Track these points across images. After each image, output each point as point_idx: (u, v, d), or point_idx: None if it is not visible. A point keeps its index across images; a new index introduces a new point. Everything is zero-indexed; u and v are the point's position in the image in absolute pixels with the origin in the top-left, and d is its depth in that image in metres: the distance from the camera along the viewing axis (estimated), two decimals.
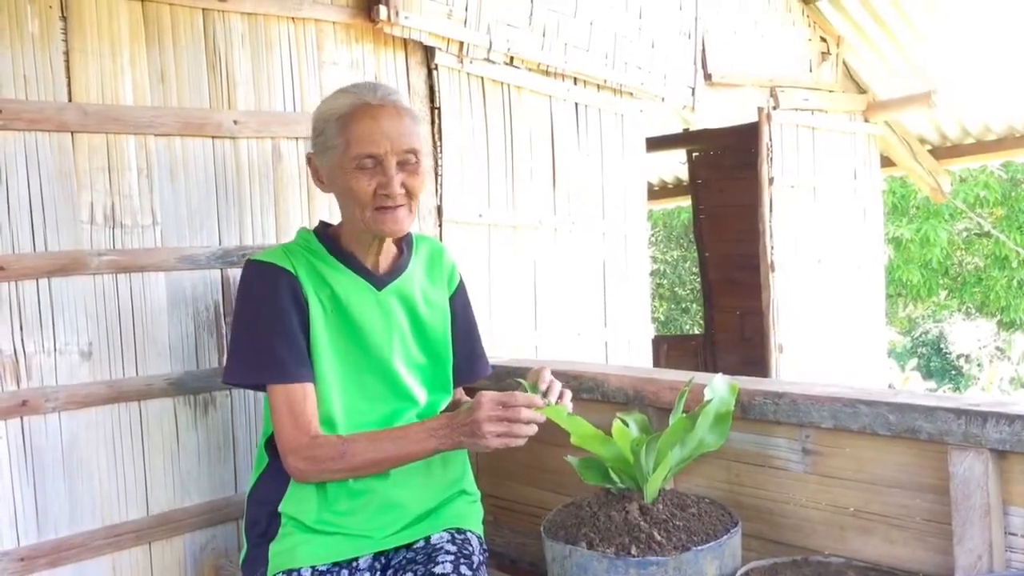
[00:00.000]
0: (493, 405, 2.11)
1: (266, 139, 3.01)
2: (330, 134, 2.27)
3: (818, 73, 6.01)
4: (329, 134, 2.27)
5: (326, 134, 2.28)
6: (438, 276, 2.55)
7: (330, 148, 2.27)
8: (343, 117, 2.25)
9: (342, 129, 2.24)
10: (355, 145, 2.22)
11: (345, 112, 2.25)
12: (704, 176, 8.61)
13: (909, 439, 2.11)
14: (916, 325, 18.59)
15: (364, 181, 2.23)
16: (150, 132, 2.76)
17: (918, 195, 14.72)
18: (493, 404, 2.11)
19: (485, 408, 2.10)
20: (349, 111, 2.25)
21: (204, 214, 2.88)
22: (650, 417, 2.54)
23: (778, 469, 2.40)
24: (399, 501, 2.32)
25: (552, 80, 4.13)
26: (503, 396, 2.13)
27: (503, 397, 2.12)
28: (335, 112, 2.27)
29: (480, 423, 2.09)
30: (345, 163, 2.24)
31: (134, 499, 2.75)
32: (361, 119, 2.23)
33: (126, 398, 2.72)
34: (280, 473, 2.31)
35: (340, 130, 2.24)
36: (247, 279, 2.34)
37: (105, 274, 2.68)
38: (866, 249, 6.57)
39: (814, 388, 2.34)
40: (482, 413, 2.10)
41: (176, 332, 2.82)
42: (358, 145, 2.22)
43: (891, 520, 2.19)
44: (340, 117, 2.25)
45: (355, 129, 2.23)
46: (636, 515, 2.15)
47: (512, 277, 3.97)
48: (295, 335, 2.27)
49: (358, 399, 2.36)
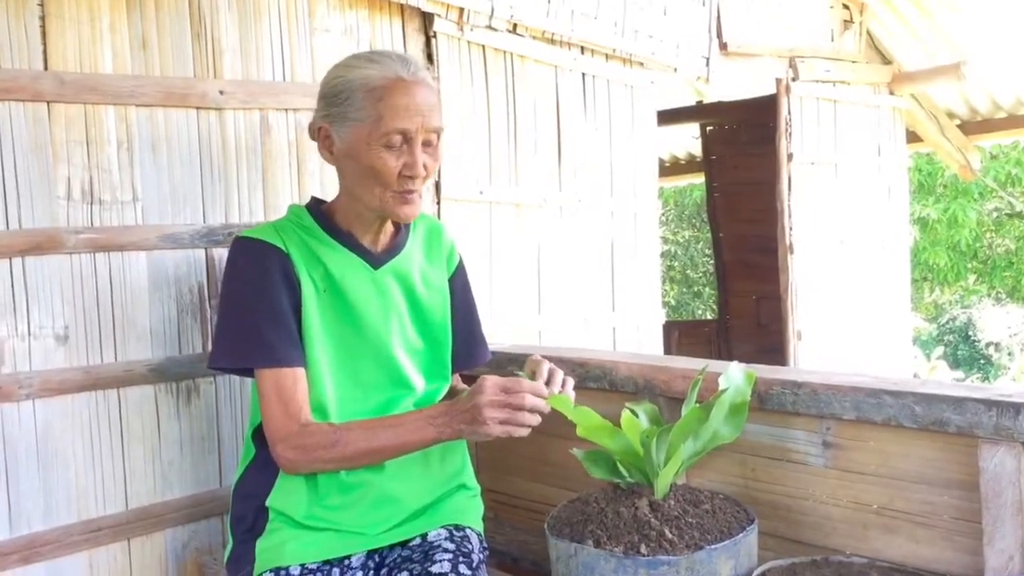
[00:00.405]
0: (496, 390, 2.09)
1: (254, 110, 3.00)
2: (356, 104, 2.22)
3: (840, 42, 5.98)
4: (355, 104, 2.22)
5: (350, 104, 2.23)
6: (437, 256, 2.55)
7: (354, 120, 2.23)
8: (377, 90, 2.20)
9: (375, 102, 2.20)
10: (389, 120, 2.19)
11: (379, 84, 2.21)
12: (718, 152, 8.60)
13: (936, 432, 2.10)
14: (943, 311, 18.59)
15: (391, 160, 2.20)
16: (131, 102, 2.75)
17: (945, 173, 14.70)
18: (496, 388, 2.09)
19: (488, 392, 2.09)
20: (384, 84, 2.21)
21: (188, 190, 2.86)
22: (661, 408, 2.54)
23: (797, 463, 2.39)
24: (395, 496, 2.32)
25: (558, 49, 4.11)
26: (507, 381, 2.11)
27: (507, 382, 2.11)
28: (366, 82, 2.22)
29: (481, 408, 2.07)
30: (373, 138, 2.20)
31: (112, 492, 2.75)
32: (397, 94, 2.20)
33: (104, 385, 2.71)
34: (268, 465, 2.31)
35: (372, 102, 2.20)
36: (234, 257, 2.33)
37: (82, 253, 2.67)
38: (890, 230, 6.56)
39: (835, 377, 2.34)
40: (484, 397, 2.08)
41: (157, 315, 2.81)
42: (393, 120, 2.19)
43: (917, 518, 2.19)
44: (373, 89, 2.21)
45: (390, 103, 2.19)
46: (646, 511, 2.14)
47: (514, 258, 3.96)
48: (285, 316, 2.26)
49: (352, 386, 2.35)
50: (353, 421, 2.26)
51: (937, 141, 7.26)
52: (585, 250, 4.30)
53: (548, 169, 4.10)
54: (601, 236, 4.38)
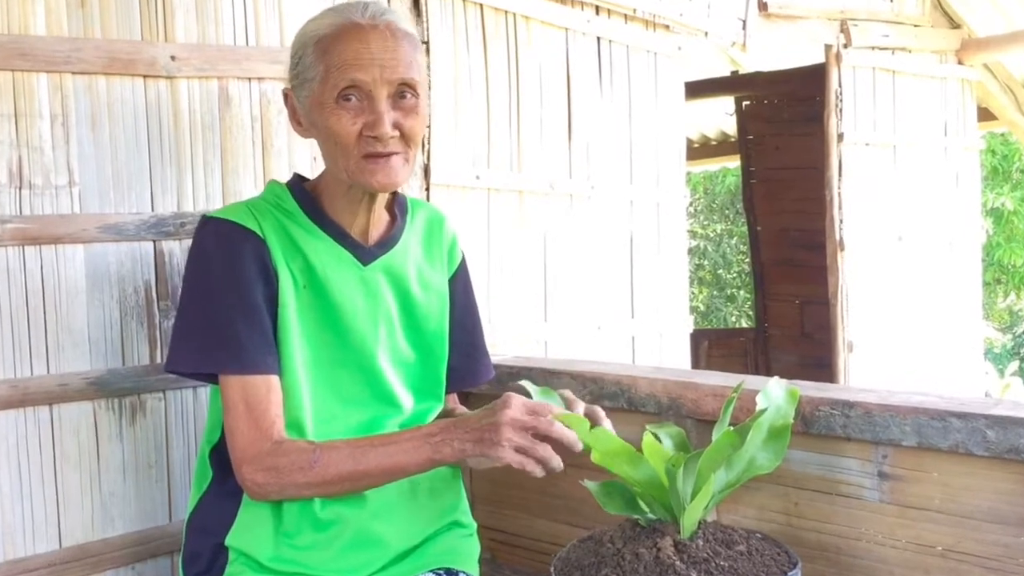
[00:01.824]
0: (523, 409, 2.06)
1: (211, 79, 3.00)
2: (307, 62, 2.22)
3: (900, 3, 6.00)
4: (307, 62, 2.23)
5: (303, 62, 2.24)
6: (437, 252, 2.54)
7: (308, 79, 2.23)
8: (324, 39, 2.20)
9: (321, 54, 2.19)
10: (335, 72, 2.17)
11: (326, 33, 2.20)
12: (757, 131, 8.63)
13: (1012, 461, 2.11)
14: (1020, 319, 18.60)
15: (347, 119, 2.18)
16: (66, 70, 2.74)
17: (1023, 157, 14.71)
18: (523, 408, 2.06)
19: (514, 409, 2.05)
20: (331, 32, 2.20)
21: (133, 173, 2.87)
22: (688, 431, 2.55)
23: (848, 497, 2.40)
24: (377, 536, 2.31)
25: (569, 8, 4.13)
26: (536, 403, 2.09)
27: (536, 404, 2.09)
28: (315, 34, 2.22)
29: (501, 426, 2.03)
30: (325, 96, 2.19)
31: (43, 527, 2.75)
32: (345, 40, 2.18)
33: (34, 401, 2.71)
34: (228, 495, 2.30)
35: (320, 55, 2.20)
36: (201, 241, 2.30)
37: (9, 246, 2.67)
38: (959, 223, 6.57)
39: (894, 397, 2.34)
40: (508, 413, 2.04)
41: (97, 320, 2.82)
42: (339, 72, 2.17)
43: (988, 562, 2.19)
44: (320, 40, 2.20)
45: (336, 53, 2.18)
46: (670, 553, 2.15)
47: (517, 255, 3.97)
48: (259, 314, 2.24)
49: (331, 400, 2.33)
50: (336, 439, 2.23)
51: (1014, 119, 7.28)
52: (599, 246, 4.31)
53: (556, 151, 4.11)
54: (618, 230, 4.40)
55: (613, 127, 4.34)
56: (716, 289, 19.06)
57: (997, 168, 14.96)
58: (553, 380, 2.73)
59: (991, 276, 15.69)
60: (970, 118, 6.64)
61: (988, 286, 15.56)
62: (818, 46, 5.65)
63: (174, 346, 2.30)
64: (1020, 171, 15.28)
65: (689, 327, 4.81)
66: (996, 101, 7.08)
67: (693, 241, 18.08)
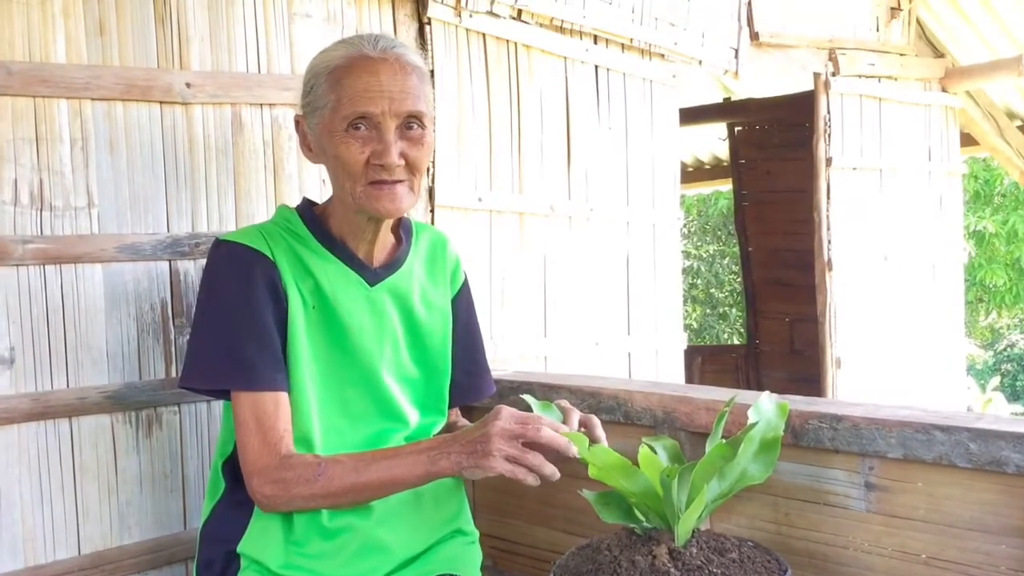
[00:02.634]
0: (512, 420, 2.07)
1: (225, 105, 3.01)
2: (319, 91, 2.24)
3: (886, 33, 6.01)
4: (318, 91, 2.25)
5: (315, 91, 2.26)
6: (440, 273, 2.54)
7: (319, 107, 2.25)
8: (336, 70, 2.22)
9: (333, 84, 2.21)
10: (347, 103, 2.19)
11: (339, 64, 2.23)
12: (748, 155, 8.63)
13: (994, 472, 2.11)
14: (1000, 337, 18.60)
15: (355, 148, 2.20)
16: (86, 96, 2.75)
17: (1005, 180, 14.72)
18: (512, 419, 2.07)
19: (503, 420, 2.06)
20: (343, 63, 2.22)
21: (150, 195, 2.87)
22: (682, 443, 2.54)
23: (835, 507, 2.40)
24: (383, 544, 2.31)
25: (568, 38, 4.13)
26: (526, 414, 2.10)
27: (525, 415, 2.09)
28: (328, 64, 2.24)
29: (491, 437, 2.04)
30: (335, 125, 2.21)
31: (63, 535, 2.74)
32: (356, 72, 2.20)
33: (54, 414, 2.71)
34: (240, 504, 2.31)
35: (331, 85, 2.22)
36: (214, 263, 2.31)
37: (31, 265, 2.67)
38: (942, 245, 6.58)
39: (880, 410, 2.34)
40: (498, 424, 2.05)
41: (115, 336, 2.81)
42: (350, 103, 2.19)
43: (970, 570, 2.19)
44: (333, 70, 2.23)
45: (348, 84, 2.20)
46: (665, 560, 2.14)
47: (518, 274, 3.97)
48: (270, 334, 2.25)
49: (339, 416, 2.34)
50: (341, 454, 2.24)
51: (995, 144, 7.28)
52: (597, 266, 4.31)
53: (556, 174, 4.11)
54: (615, 250, 4.39)
55: (610, 151, 4.35)
56: (709, 307, 19.06)
57: (979, 192, 14.99)
58: (553, 394, 2.73)
59: (973, 295, 15.70)
60: (953, 144, 6.65)
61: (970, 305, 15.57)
62: (807, 74, 5.66)
63: (188, 363, 2.31)
64: (1001, 195, 15.29)
65: (683, 343, 4.81)
66: (978, 127, 7.08)
67: (687, 261, 18.09)
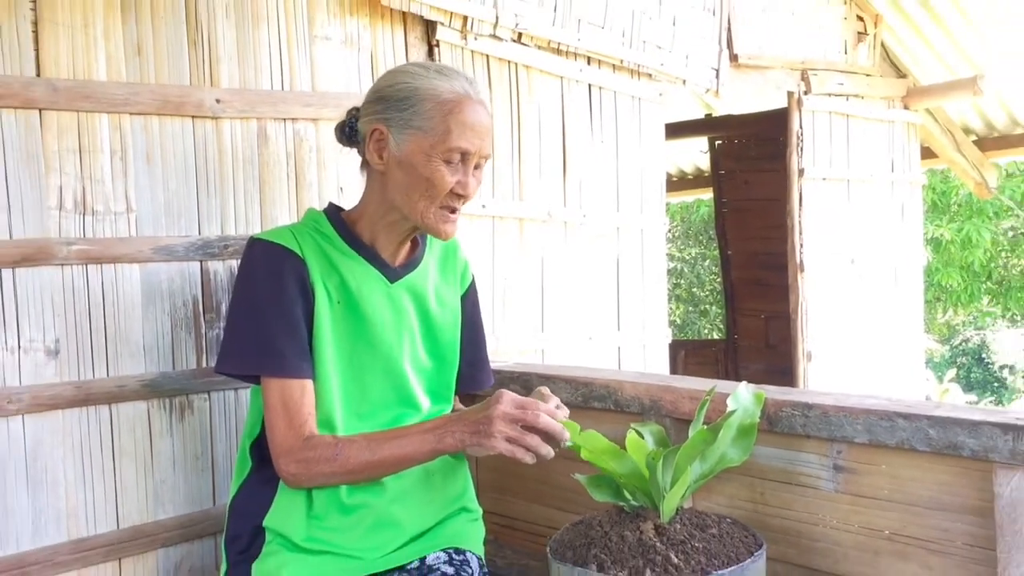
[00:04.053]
0: (513, 404, 2.10)
1: (251, 120, 3.01)
2: (426, 115, 2.26)
3: (854, 56, 6.00)
4: (424, 114, 2.26)
5: (416, 111, 2.27)
6: (451, 273, 2.57)
7: (419, 129, 2.26)
8: (447, 103, 2.26)
9: (444, 115, 2.25)
10: (457, 137, 2.24)
11: (449, 99, 2.26)
12: (727, 167, 8.62)
13: (951, 456, 2.11)
14: (956, 333, 18.60)
15: (447, 175, 2.26)
16: (125, 111, 2.75)
17: (960, 192, 14.71)
18: (513, 403, 2.11)
19: (504, 404, 2.10)
20: (454, 99, 2.26)
21: (182, 201, 2.87)
22: (667, 429, 2.54)
23: (807, 487, 2.40)
24: (395, 519, 2.32)
25: (564, 60, 4.13)
26: (524, 399, 2.13)
27: (524, 400, 2.13)
28: (436, 94, 2.27)
29: (493, 420, 2.08)
30: (436, 151, 2.25)
31: (103, 511, 2.75)
32: (467, 111, 2.27)
33: (95, 400, 2.71)
34: (265, 482, 2.33)
35: (441, 115, 2.25)
36: (249, 260, 2.34)
37: (74, 265, 2.68)
38: (904, 249, 6.57)
39: (848, 399, 2.34)
40: (499, 408, 2.09)
41: (151, 329, 2.82)
42: (460, 138, 2.25)
43: (930, 544, 2.19)
44: (444, 102, 2.26)
45: (459, 119, 2.25)
46: (651, 535, 2.15)
47: (517, 274, 3.97)
48: (298, 325, 2.28)
49: (360, 402, 2.36)
50: (356, 434, 2.27)
51: (952, 158, 7.28)
52: (590, 267, 4.31)
53: (553, 183, 4.11)
54: (607, 252, 4.39)
55: (602, 163, 4.34)
56: (692, 305, 19.02)
57: (936, 202, 14.96)
58: (549, 383, 2.72)
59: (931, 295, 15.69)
60: (914, 157, 6.64)
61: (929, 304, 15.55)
62: (781, 93, 5.65)
63: (223, 351, 2.34)
64: (957, 205, 15.27)
65: (668, 338, 4.80)
66: (937, 142, 7.08)
67: (671, 263, 18.05)
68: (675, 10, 4.64)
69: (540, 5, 3.95)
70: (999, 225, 15.74)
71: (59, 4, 2.64)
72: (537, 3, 3.94)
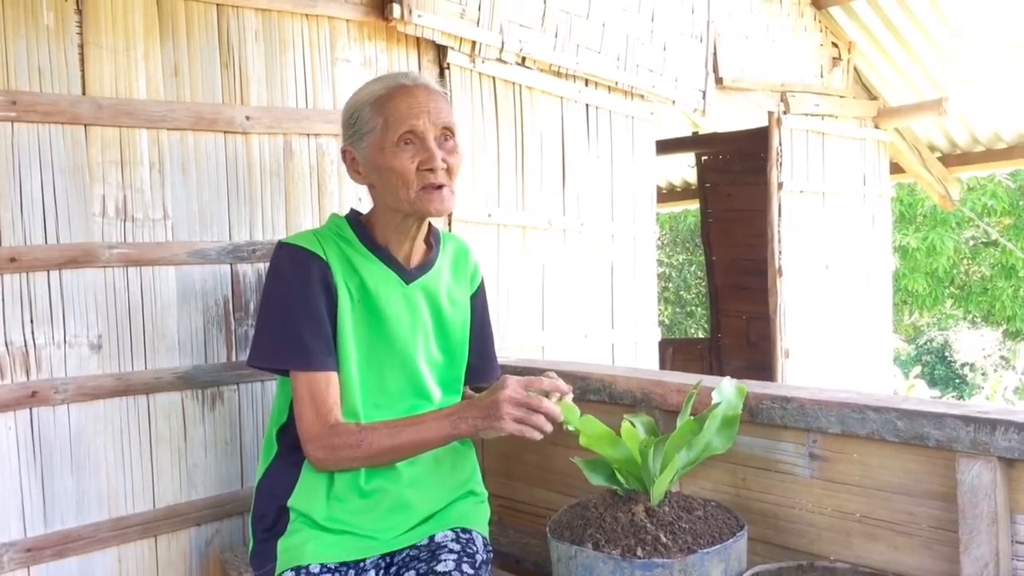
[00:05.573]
0: (518, 387, 2.11)
1: (278, 135, 3.02)
2: (365, 119, 2.29)
3: (829, 79, 6.00)
4: (364, 119, 2.29)
5: (361, 120, 2.30)
6: (462, 274, 2.57)
7: (367, 132, 2.29)
8: (379, 99, 2.28)
9: (379, 110, 2.27)
10: (394, 122, 2.25)
11: (381, 94, 2.28)
12: (713, 180, 8.60)
13: (917, 446, 2.11)
14: (921, 333, 18.59)
15: (406, 158, 2.25)
16: (163, 126, 2.76)
17: (925, 204, 14.72)
18: (518, 386, 2.11)
19: (510, 388, 2.10)
20: (386, 92, 2.28)
21: (215, 209, 2.88)
22: (657, 419, 2.54)
23: (785, 474, 2.40)
24: (409, 502, 2.33)
25: (564, 81, 4.13)
26: (527, 379, 2.14)
27: (527, 380, 2.13)
28: (370, 96, 2.30)
29: (501, 403, 2.08)
30: (385, 142, 2.25)
31: (140, 492, 2.76)
32: (398, 98, 2.27)
33: (134, 391, 2.73)
34: (290, 465, 2.33)
35: (376, 111, 2.27)
36: (278, 262, 2.34)
37: (116, 267, 2.69)
38: (874, 256, 6.56)
39: (822, 393, 2.34)
40: (506, 392, 2.09)
41: (185, 326, 2.83)
42: (397, 122, 2.24)
43: (897, 527, 2.19)
44: (376, 100, 2.28)
45: (392, 107, 2.26)
46: (642, 517, 2.15)
47: (520, 278, 3.97)
48: (322, 322, 2.28)
49: (378, 393, 2.36)
50: (377, 421, 2.28)
51: (918, 172, 7.27)
52: (586, 271, 4.31)
53: (553, 194, 4.11)
54: (602, 258, 4.39)
55: (598, 176, 4.34)
56: (679, 307, 19.01)
57: (903, 214, 14.97)
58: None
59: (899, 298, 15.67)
60: (884, 172, 6.62)
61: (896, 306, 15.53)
62: (763, 112, 5.64)
63: (255, 346, 2.34)
64: (923, 216, 15.27)
65: (657, 336, 4.80)
66: (905, 158, 7.07)
67: (661, 268, 18.05)
68: (665, 37, 4.64)
69: (542, 31, 3.95)
70: (961, 235, 15.74)
71: (103, 29, 2.65)
72: (539, 30, 3.94)
